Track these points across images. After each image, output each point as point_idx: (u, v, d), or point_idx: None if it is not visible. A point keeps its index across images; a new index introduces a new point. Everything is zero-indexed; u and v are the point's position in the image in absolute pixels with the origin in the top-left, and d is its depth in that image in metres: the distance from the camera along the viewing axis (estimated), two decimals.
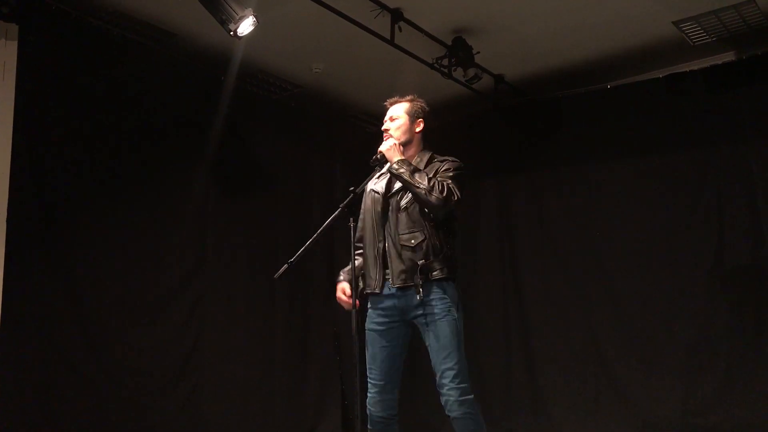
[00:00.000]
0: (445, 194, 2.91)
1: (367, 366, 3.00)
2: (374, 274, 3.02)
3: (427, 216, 2.99)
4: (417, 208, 3.00)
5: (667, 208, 5.27)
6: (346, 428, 5.76)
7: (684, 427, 4.93)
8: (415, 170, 2.97)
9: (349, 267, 3.09)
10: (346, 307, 3.07)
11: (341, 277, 3.16)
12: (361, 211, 3.20)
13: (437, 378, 2.90)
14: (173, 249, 4.86)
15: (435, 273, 2.92)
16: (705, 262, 5.07)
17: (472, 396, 2.89)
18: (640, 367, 5.21)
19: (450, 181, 2.97)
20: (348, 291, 3.05)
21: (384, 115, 3.35)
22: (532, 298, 5.82)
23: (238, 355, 5.15)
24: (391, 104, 3.27)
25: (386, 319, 3.00)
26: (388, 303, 2.99)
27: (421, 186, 2.91)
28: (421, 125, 3.22)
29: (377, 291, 2.99)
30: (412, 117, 3.20)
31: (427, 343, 2.95)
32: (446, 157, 3.17)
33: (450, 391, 2.84)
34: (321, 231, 2.89)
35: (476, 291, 6.04)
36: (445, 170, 3.05)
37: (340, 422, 5.73)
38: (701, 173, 5.18)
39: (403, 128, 3.17)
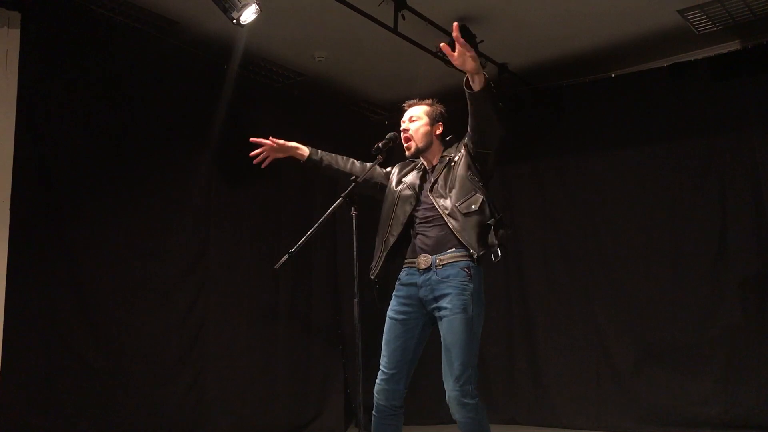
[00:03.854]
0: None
1: (382, 352, 2.94)
2: (376, 260, 3.01)
3: (475, 176, 2.92)
4: (463, 172, 2.93)
5: (671, 197, 5.27)
6: (348, 417, 5.78)
7: (684, 418, 4.94)
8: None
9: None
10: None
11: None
12: (385, 197, 3.14)
13: (443, 375, 2.83)
14: (176, 237, 4.87)
15: (501, 232, 2.86)
16: (708, 251, 5.07)
17: (476, 400, 2.77)
18: (642, 357, 5.22)
19: None
20: (281, 142, 3.24)
21: (398, 110, 3.28)
22: (534, 287, 5.82)
23: (241, 343, 5.17)
24: (410, 105, 3.17)
25: (407, 308, 2.94)
26: (408, 292, 2.95)
27: (495, 109, 2.78)
28: (441, 129, 3.13)
29: (373, 277, 2.96)
30: (433, 120, 3.11)
31: (441, 338, 2.89)
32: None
33: (451, 393, 2.77)
34: (322, 221, 2.88)
35: None
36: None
37: (343, 411, 5.75)
38: (705, 162, 5.17)
39: (423, 130, 3.07)
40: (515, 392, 5.76)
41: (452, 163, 3.00)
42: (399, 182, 3.13)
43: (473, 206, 2.86)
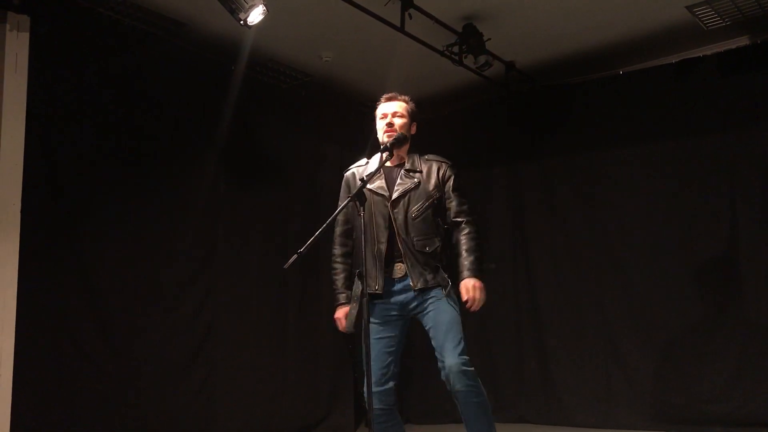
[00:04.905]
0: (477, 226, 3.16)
1: (366, 359, 2.97)
2: (374, 273, 3.06)
3: (441, 223, 3.11)
4: (431, 216, 3.09)
5: (681, 194, 5.24)
6: (358, 417, 5.79)
7: (696, 415, 4.92)
8: (475, 253, 3.09)
9: (341, 282, 3.20)
10: (342, 330, 3.16)
11: (341, 299, 3.19)
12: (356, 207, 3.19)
13: (438, 353, 2.95)
14: (185, 238, 4.88)
15: (445, 279, 3.05)
16: (718, 248, 5.04)
17: (473, 368, 2.94)
18: (652, 355, 5.20)
19: (467, 210, 3.15)
20: (347, 316, 3.12)
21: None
22: (543, 286, 5.80)
23: (250, 343, 5.18)
24: (389, 99, 3.29)
25: (385, 312, 3.07)
26: (388, 298, 3.06)
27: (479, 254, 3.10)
28: (415, 129, 3.30)
29: (379, 291, 3.04)
30: (411, 119, 3.28)
31: (427, 327, 2.99)
32: (436, 158, 3.23)
33: (453, 363, 2.89)
34: (330, 221, 2.89)
35: (487, 279, 6.00)
36: (454, 189, 3.17)
37: (353, 411, 5.76)
38: (715, 159, 5.14)
39: (405, 128, 3.23)
40: (525, 391, 5.75)
41: (426, 195, 3.10)
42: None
43: (427, 248, 3.05)
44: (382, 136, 3.21)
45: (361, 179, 2.97)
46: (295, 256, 2.79)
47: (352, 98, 6.24)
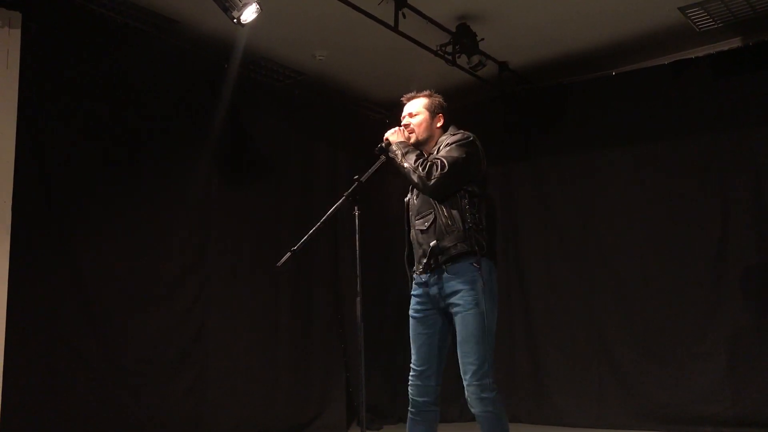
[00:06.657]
0: (425, 171, 2.80)
1: (412, 350, 2.96)
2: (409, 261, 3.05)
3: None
4: None
5: (672, 195, 5.26)
6: (350, 416, 5.78)
7: (687, 416, 4.94)
8: (409, 152, 2.90)
9: None
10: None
11: None
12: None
13: (460, 370, 2.82)
14: (177, 237, 4.86)
15: (450, 250, 2.81)
16: (709, 249, 5.06)
17: (494, 393, 2.77)
18: (643, 355, 5.22)
19: (442, 156, 2.84)
20: None
21: (398, 108, 3.26)
22: (535, 285, 5.82)
23: (242, 342, 5.17)
24: (409, 100, 3.16)
25: (422, 307, 2.95)
26: (421, 291, 2.94)
27: (406, 166, 2.86)
28: (441, 120, 3.12)
29: (413, 276, 2.99)
30: (432, 113, 3.10)
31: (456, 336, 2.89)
32: (453, 132, 3.06)
33: (469, 387, 2.78)
34: (324, 219, 2.88)
35: None
36: (446, 145, 2.95)
37: (345, 410, 5.75)
38: (706, 160, 5.17)
39: (425, 124, 3.08)
40: (517, 390, 5.75)
41: None
42: None
43: (426, 224, 2.91)
44: None
45: (356, 178, 2.94)
46: (289, 254, 2.78)
47: (345, 97, 6.23)
